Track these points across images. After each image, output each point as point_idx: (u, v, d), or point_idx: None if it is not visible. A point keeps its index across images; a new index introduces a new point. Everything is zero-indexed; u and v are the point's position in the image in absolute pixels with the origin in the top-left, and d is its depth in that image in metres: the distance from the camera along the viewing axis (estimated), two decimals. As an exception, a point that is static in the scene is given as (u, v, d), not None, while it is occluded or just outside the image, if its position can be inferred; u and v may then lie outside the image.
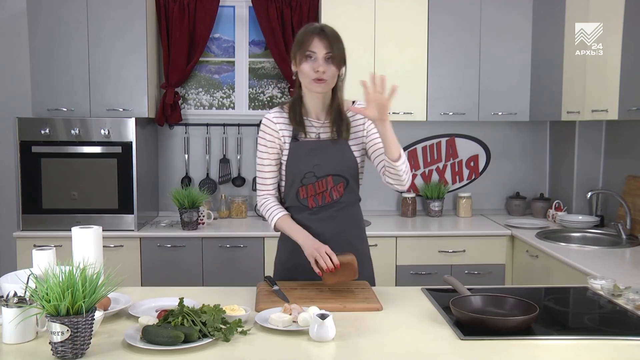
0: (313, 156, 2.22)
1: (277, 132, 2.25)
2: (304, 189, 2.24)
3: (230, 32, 4.29)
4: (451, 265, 3.72)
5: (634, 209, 3.46)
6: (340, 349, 1.69)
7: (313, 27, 2.14)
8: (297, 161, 2.23)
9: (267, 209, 2.27)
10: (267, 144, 2.26)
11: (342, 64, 2.16)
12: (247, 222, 4.05)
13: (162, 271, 3.66)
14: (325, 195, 2.25)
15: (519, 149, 4.38)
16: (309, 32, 2.12)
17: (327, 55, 2.10)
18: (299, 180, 2.23)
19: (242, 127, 4.26)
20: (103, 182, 3.68)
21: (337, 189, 2.25)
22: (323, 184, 2.24)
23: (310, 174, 2.22)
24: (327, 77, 2.12)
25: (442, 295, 2.14)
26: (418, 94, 3.95)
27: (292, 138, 2.24)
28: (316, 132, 2.25)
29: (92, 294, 1.57)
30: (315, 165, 2.22)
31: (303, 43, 2.11)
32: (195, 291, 2.27)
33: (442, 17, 3.92)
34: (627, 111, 2.99)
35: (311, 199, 2.25)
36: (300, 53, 2.12)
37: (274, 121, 2.26)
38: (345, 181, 2.26)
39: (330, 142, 2.24)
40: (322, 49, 2.10)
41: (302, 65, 2.13)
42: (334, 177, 2.23)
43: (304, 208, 2.27)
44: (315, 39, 2.10)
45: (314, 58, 2.11)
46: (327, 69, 2.11)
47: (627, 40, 3.03)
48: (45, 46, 3.72)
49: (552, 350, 1.71)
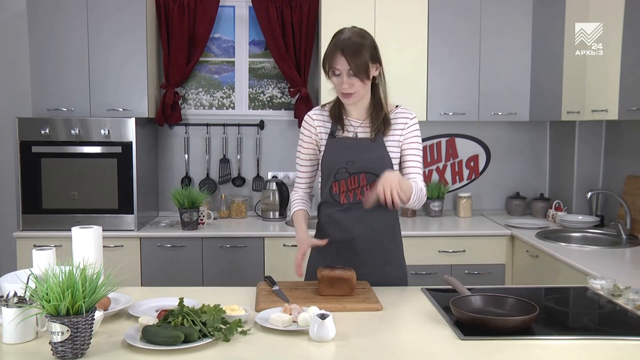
0: (347, 152, 2.24)
1: (315, 129, 2.30)
2: (336, 184, 2.27)
3: (230, 32, 4.29)
4: (451, 265, 3.72)
5: (634, 209, 3.46)
6: (340, 349, 1.69)
7: (338, 41, 2.12)
8: (331, 156, 2.27)
9: (291, 202, 2.39)
10: (305, 139, 2.33)
11: (367, 75, 2.15)
12: (247, 222, 4.05)
13: (162, 271, 3.66)
14: (357, 193, 2.26)
15: (519, 149, 4.38)
16: (334, 48, 2.12)
17: (349, 73, 2.13)
18: (333, 176, 2.26)
19: (242, 127, 4.26)
20: (103, 182, 3.68)
21: (370, 188, 2.24)
22: (355, 181, 2.25)
23: (343, 169, 2.24)
24: (354, 91, 2.16)
25: (442, 295, 2.13)
26: (418, 94, 3.95)
27: (330, 134, 2.28)
28: (354, 131, 2.27)
29: (92, 294, 1.57)
30: (348, 162, 2.24)
31: (329, 59, 2.14)
32: (195, 291, 2.27)
33: (442, 17, 3.92)
34: (627, 111, 2.99)
35: (343, 195, 2.27)
36: (328, 67, 2.17)
37: (313, 118, 2.32)
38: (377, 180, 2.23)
39: (367, 140, 2.25)
40: (345, 65, 2.12)
41: (332, 78, 2.18)
42: (367, 175, 2.24)
43: (336, 204, 2.29)
44: (337, 55, 2.11)
45: (339, 74, 2.14)
46: (351, 83, 2.14)
47: (627, 40, 3.03)
48: (45, 46, 3.72)
49: (552, 350, 1.71)
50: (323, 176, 2.32)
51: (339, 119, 2.27)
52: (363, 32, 2.18)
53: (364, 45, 2.12)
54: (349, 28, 2.18)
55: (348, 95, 2.17)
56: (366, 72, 2.14)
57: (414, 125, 2.30)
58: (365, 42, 2.14)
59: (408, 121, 2.29)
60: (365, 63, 2.12)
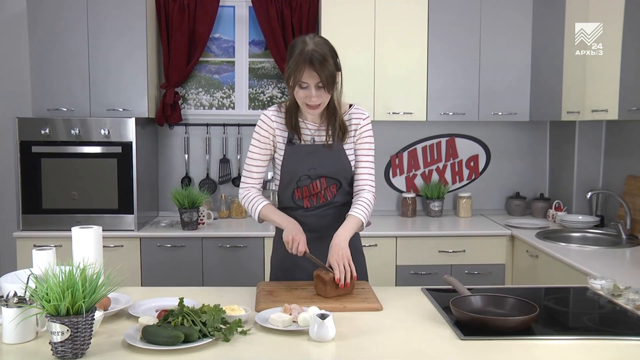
0: (308, 160, 2.26)
1: (273, 131, 2.29)
2: (299, 190, 2.30)
3: (230, 32, 4.29)
4: (451, 265, 3.72)
5: (634, 209, 3.46)
6: (340, 349, 1.69)
7: (304, 54, 2.07)
8: (292, 164, 2.27)
9: (250, 199, 2.29)
10: (261, 139, 2.29)
11: (333, 85, 2.14)
12: (247, 222, 4.05)
13: (162, 271, 3.66)
14: (319, 196, 2.31)
15: (519, 149, 4.38)
16: (300, 62, 2.08)
17: (318, 85, 2.10)
18: (295, 182, 2.29)
19: (242, 127, 4.26)
20: (103, 182, 3.68)
21: (330, 190, 2.31)
22: (317, 186, 2.29)
23: (305, 176, 2.28)
24: (321, 102, 2.15)
25: (442, 295, 2.14)
26: (418, 94, 3.95)
27: (288, 141, 2.27)
28: (311, 136, 2.28)
29: (92, 294, 1.57)
30: (310, 169, 2.27)
31: (296, 72, 2.10)
32: (195, 291, 2.27)
33: (442, 17, 3.92)
34: (627, 111, 2.99)
35: (306, 199, 2.31)
36: (293, 79, 2.12)
37: (272, 119, 2.28)
38: (338, 183, 2.31)
39: (325, 146, 2.27)
40: (313, 78, 2.09)
41: (297, 91, 2.14)
42: (327, 179, 2.29)
43: (298, 207, 2.32)
44: (306, 69, 2.08)
45: (307, 87, 2.11)
46: (319, 96, 2.13)
47: (627, 40, 3.03)
48: (45, 46, 3.72)
49: (552, 350, 1.71)
50: (283, 182, 2.31)
51: (295, 128, 2.25)
52: (324, 40, 2.14)
53: (329, 55, 2.10)
54: (309, 37, 2.13)
55: (316, 107, 2.16)
56: (334, 83, 2.13)
57: (366, 125, 2.31)
58: (329, 51, 2.11)
59: (361, 121, 2.30)
60: (333, 73, 2.11)
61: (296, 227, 2.20)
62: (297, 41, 2.14)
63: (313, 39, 2.12)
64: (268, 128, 2.28)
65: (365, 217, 2.24)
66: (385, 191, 4.31)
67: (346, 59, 3.85)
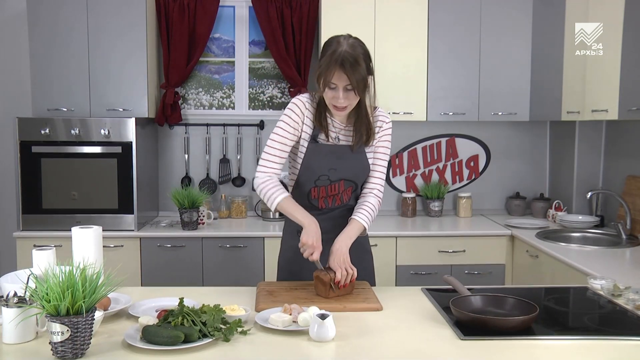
0: (329, 160, 2.22)
1: (304, 118, 2.20)
2: (316, 189, 2.26)
3: (230, 32, 4.29)
4: (451, 265, 3.72)
5: (634, 209, 3.46)
6: (340, 349, 1.69)
7: (336, 54, 2.03)
8: (313, 163, 2.22)
9: (269, 188, 2.19)
10: (291, 123, 2.19)
11: (364, 89, 2.10)
12: (247, 222, 4.05)
13: (162, 271, 3.66)
14: (336, 199, 2.29)
15: (519, 149, 4.38)
16: (331, 63, 2.03)
17: (347, 87, 2.07)
18: (313, 181, 2.25)
19: (242, 127, 4.26)
20: (103, 182, 3.68)
21: (347, 193, 2.29)
22: (335, 188, 2.26)
23: (324, 176, 2.24)
24: (348, 104, 2.11)
25: (442, 295, 2.14)
26: (418, 94, 3.95)
27: (312, 138, 2.21)
28: (336, 134, 2.23)
29: (92, 294, 1.57)
30: (330, 169, 2.23)
31: (326, 73, 2.05)
32: (195, 291, 2.27)
33: (442, 16, 3.92)
34: (627, 111, 2.99)
35: (322, 200, 2.28)
36: (323, 80, 2.08)
37: (305, 106, 2.20)
38: (355, 186, 2.30)
39: (348, 147, 2.24)
40: (343, 81, 2.05)
41: (326, 91, 2.10)
42: (345, 182, 2.26)
43: (312, 207, 2.27)
44: (336, 71, 2.04)
45: (335, 88, 2.08)
46: (347, 97, 2.09)
47: (627, 40, 3.03)
48: (45, 46, 3.72)
49: (552, 350, 1.71)
50: (301, 179, 2.26)
51: (322, 125, 2.20)
52: (358, 43, 2.10)
53: (361, 58, 2.05)
54: (343, 37, 2.08)
55: (343, 109, 2.12)
56: (364, 87, 2.09)
57: (387, 129, 2.30)
58: (362, 54, 2.06)
59: (383, 125, 2.29)
60: (365, 78, 2.07)
61: (317, 232, 2.13)
62: (332, 40, 2.09)
63: (348, 39, 2.07)
64: (300, 114, 2.19)
65: (368, 223, 2.24)
66: (386, 191, 4.25)
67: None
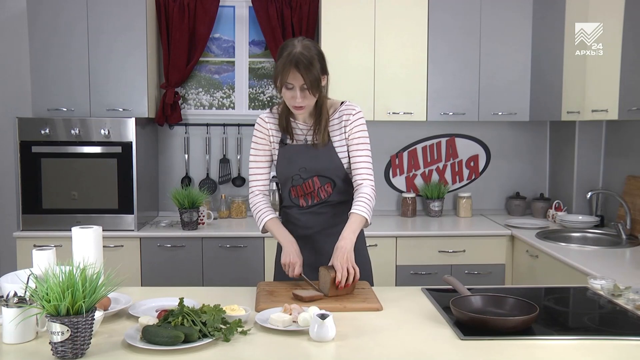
0: (299, 159, 2.32)
1: (268, 131, 2.37)
2: (294, 189, 2.37)
3: (230, 32, 4.29)
4: (451, 265, 3.72)
5: (634, 209, 3.46)
6: (340, 349, 1.69)
7: (290, 55, 2.12)
8: (284, 164, 2.35)
9: (258, 209, 2.37)
10: (258, 141, 2.38)
11: (319, 89, 2.19)
12: (247, 222, 4.05)
13: (162, 271, 3.66)
14: (313, 195, 2.36)
15: (519, 149, 4.38)
16: (287, 64, 2.13)
17: (303, 87, 2.15)
18: (290, 182, 2.36)
19: (242, 127, 4.26)
20: (103, 182, 3.68)
21: (325, 189, 2.34)
22: (310, 185, 2.34)
23: (297, 176, 2.33)
24: (306, 104, 2.20)
25: (442, 295, 2.14)
26: (418, 94, 3.95)
27: (281, 142, 2.35)
28: (303, 136, 2.34)
29: (92, 294, 1.57)
30: (301, 168, 2.32)
31: (282, 74, 2.15)
32: (195, 291, 2.27)
33: (442, 17, 3.92)
34: (627, 111, 2.99)
35: (302, 198, 2.37)
36: (280, 81, 2.18)
37: (266, 120, 2.38)
38: (332, 182, 2.34)
39: (314, 145, 2.31)
40: (299, 80, 2.14)
41: (283, 92, 2.20)
42: (319, 178, 2.33)
43: (296, 206, 2.39)
44: (291, 71, 2.13)
45: (292, 88, 2.16)
46: (304, 97, 2.18)
47: (627, 40, 3.03)
48: (45, 46, 3.72)
49: (552, 350, 1.71)
50: (280, 182, 2.45)
51: (287, 129, 2.33)
52: (312, 44, 2.19)
53: (315, 59, 2.14)
54: (297, 40, 2.18)
55: (301, 108, 2.21)
56: (318, 86, 2.18)
57: (357, 120, 2.32)
58: (316, 54, 2.16)
59: (350, 117, 2.31)
60: (318, 77, 2.16)
61: (293, 250, 2.25)
62: (287, 43, 2.19)
63: (302, 42, 2.17)
64: (263, 129, 2.37)
65: (369, 213, 2.24)
66: (385, 191, 4.31)
67: (346, 59, 3.90)
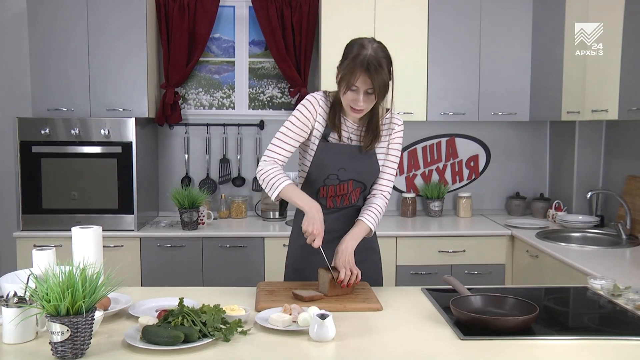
0: (339, 159, 2.23)
1: (316, 116, 2.21)
2: (324, 188, 2.27)
3: (230, 32, 4.29)
4: (451, 265, 3.72)
5: (634, 209, 3.46)
6: (340, 349, 1.69)
7: (361, 57, 2.02)
8: (323, 161, 2.22)
9: (272, 175, 2.17)
10: (302, 119, 2.20)
11: (384, 93, 2.10)
12: (247, 222, 4.05)
13: (162, 271, 3.66)
14: (344, 198, 2.29)
15: (519, 149, 4.38)
16: (357, 66, 2.03)
17: (368, 91, 2.07)
18: (322, 180, 2.25)
19: (242, 127, 4.26)
20: (103, 182, 3.68)
21: (355, 193, 2.30)
22: (344, 188, 2.27)
23: (333, 176, 2.24)
24: (365, 107, 2.12)
25: (442, 295, 2.14)
26: (418, 94, 3.95)
27: (323, 136, 2.22)
28: (348, 134, 2.24)
29: (92, 294, 1.57)
30: (340, 169, 2.23)
31: (350, 76, 2.05)
32: (195, 291, 2.27)
33: (442, 17, 3.92)
34: (627, 111, 2.99)
35: (330, 199, 2.29)
36: (346, 83, 2.08)
37: (319, 104, 2.21)
38: (363, 186, 2.30)
39: (359, 148, 2.24)
40: (366, 84, 2.05)
41: (346, 93, 2.09)
42: (354, 182, 2.27)
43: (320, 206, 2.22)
44: (361, 74, 2.03)
45: (357, 90, 2.08)
46: (366, 100, 2.09)
47: (627, 40, 3.03)
48: (45, 46, 3.72)
49: (552, 350, 1.71)
50: (310, 177, 2.26)
51: (337, 122, 2.20)
52: (382, 47, 2.09)
53: (384, 63, 2.05)
54: (367, 41, 2.07)
55: (360, 111, 2.13)
56: (385, 92, 2.09)
57: (399, 132, 2.30)
58: (384, 58, 2.06)
59: (395, 127, 2.28)
60: (386, 83, 2.06)
61: (318, 218, 2.09)
62: (355, 43, 2.08)
63: (372, 43, 2.07)
64: (313, 111, 2.20)
65: (375, 225, 2.25)
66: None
67: (346, 59, 3.89)
